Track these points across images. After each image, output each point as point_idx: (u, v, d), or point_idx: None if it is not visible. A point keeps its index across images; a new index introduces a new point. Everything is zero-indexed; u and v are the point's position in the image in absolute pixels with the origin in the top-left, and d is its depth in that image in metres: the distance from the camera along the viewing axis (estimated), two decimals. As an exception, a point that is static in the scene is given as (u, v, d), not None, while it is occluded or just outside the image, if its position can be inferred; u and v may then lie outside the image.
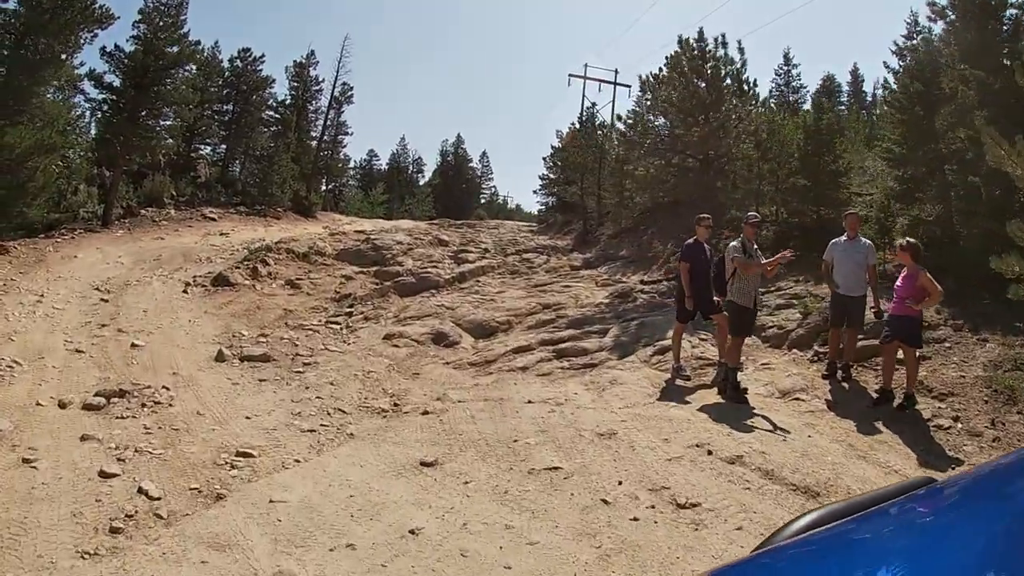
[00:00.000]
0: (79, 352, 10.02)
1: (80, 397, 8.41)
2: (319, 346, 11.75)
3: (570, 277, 17.51)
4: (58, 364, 9.46)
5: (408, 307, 14.97)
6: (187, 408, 8.34)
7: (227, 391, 9.14)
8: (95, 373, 9.32)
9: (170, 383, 9.15)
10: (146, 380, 9.17)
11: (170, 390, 8.89)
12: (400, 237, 19.87)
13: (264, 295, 14.50)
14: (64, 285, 13.67)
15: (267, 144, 27.66)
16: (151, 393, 8.65)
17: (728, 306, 9.23)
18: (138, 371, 9.52)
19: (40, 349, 9.93)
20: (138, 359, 9.99)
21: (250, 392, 9.25)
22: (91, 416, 7.91)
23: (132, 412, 8.09)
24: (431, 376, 10.74)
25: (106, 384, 8.90)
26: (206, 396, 8.84)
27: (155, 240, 19.15)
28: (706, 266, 9.65)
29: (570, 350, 11.05)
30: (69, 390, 8.65)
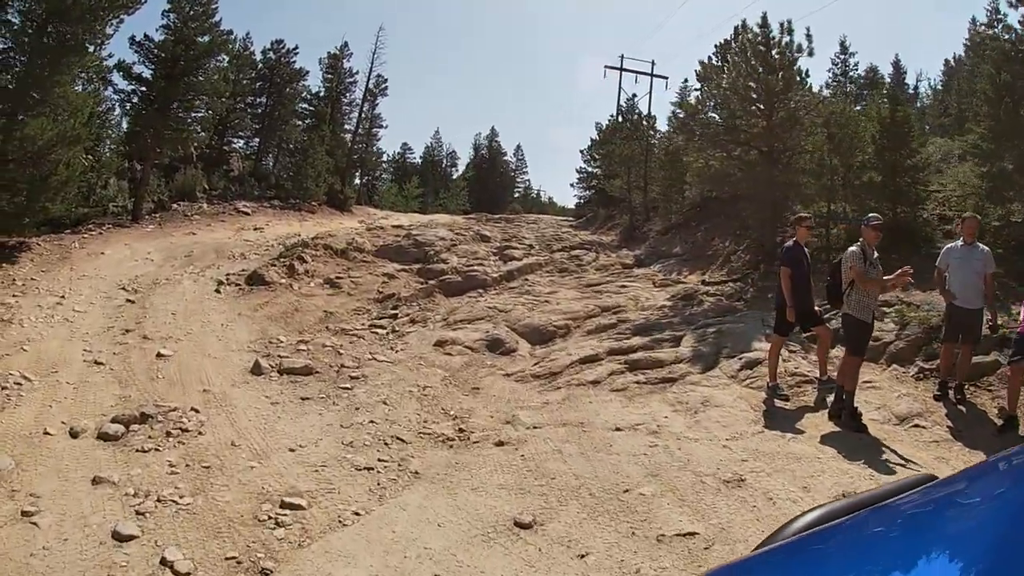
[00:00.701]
0: (98, 364, 8.59)
1: (95, 422, 6.96)
2: (365, 355, 10.23)
3: (624, 276, 15.92)
4: (73, 380, 8.03)
5: (457, 309, 13.45)
6: (220, 437, 6.85)
7: (266, 414, 7.64)
8: (114, 390, 7.87)
9: (200, 403, 7.67)
10: (172, 399, 7.70)
11: (199, 412, 7.41)
12: (442, 233, 18.34)
13: (302, 295, 13.03)
14: (88, 284, 12.32)
15: (301, 137, 26.28)
16: (177, 417, 7.18)
17: (844, 320, 7.68)
18: (163, 387, 8.07)
19: (55, 361, 8.52)
20: (164, 372, 8.54)
21: (292, 414, 7.75)
22: (107, 448, 6.46)
23: (155, 442, 6.62)
24: (493, 391, 9.23)
25: (126, 405, 7.45)
26: (241, 420, 7.35)
27: (186, 235, 17.81)
28: (807, 272, 8.35)
29: (643, 361, 9.50)
30: (83, 413, 7.21)
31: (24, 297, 10.97)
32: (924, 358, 8.68)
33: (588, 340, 11.07)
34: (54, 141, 13.97)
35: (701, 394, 8.56)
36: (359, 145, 29.83)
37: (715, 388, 8.72)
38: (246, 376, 8.85)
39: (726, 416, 7.80)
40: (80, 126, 14.52)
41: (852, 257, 7.40)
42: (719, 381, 8.86)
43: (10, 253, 13.31)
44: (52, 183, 13.78)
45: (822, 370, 8.37)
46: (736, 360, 9.32)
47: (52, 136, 13.90)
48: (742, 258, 15.80)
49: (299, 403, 8.11)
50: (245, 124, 26.85)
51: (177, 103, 21.03)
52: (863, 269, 7.25)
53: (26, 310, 10.33)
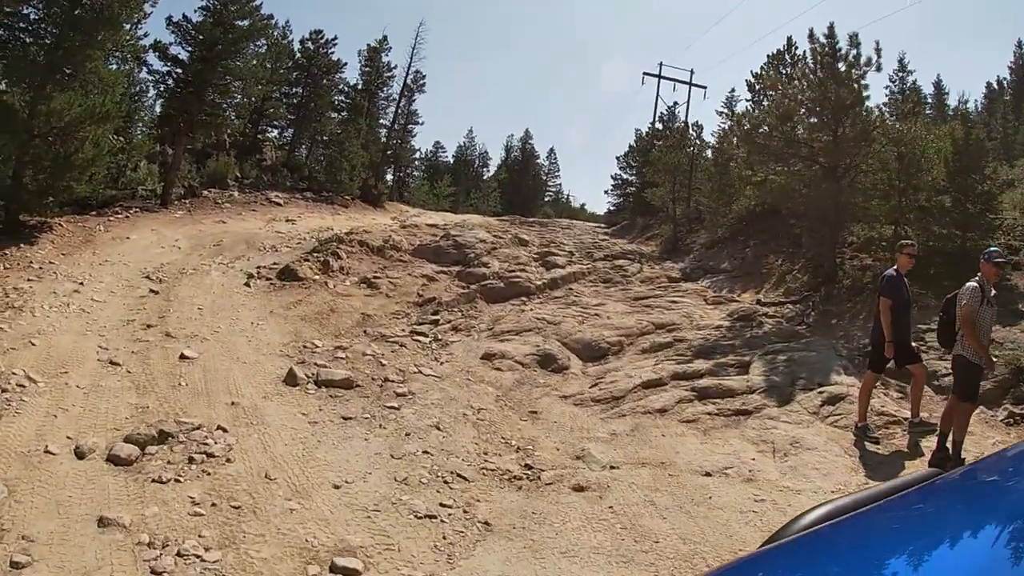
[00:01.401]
0: (114, 365, 7.43)
1: (106, 439, 5.78)
2: (410, 367, 9.01)
3: (672, 290, 14.65)
4: (85, 383, 6.86)
5: (502, 318, 12.23)
6: (252, 466, 5.64)
7: (304, 436, 6.42)
8: (130, 398, 6.69)
9: (228, 420, 6.47)
10: (196, 413, 6.51)
11: (227, 432, 6.21)
12: (481, 235, 17.12)
13: (338, 295, 11.84)
14: (110, 271, 11.20)
15: (336, 130, 25.19)
16: (202, 437, 5.98)
17: (956, 362, 6.61)
18: (186, 397, 6.88)
19: (65, 359, 7.37)
20: (188, 378, 7.36)
21: (334, 438, 6.53)
22: (118, 476, 5.27)
23: (175, 470, 5.42)
24: (553, 417, 8.07)
25: (143, 417, 6.27)
26: (276, 444, 6.14)
27: (216, 223, 16.70)
28: (907, 304, 7.43)
29: (712, 390, 8.43)
30: (93, 426, 6.04)
31: (40, 282, 9.86)
32: (1013, 401, 7.79)
33: (644, 360, 9.98)
34: (82, 117, 12.90)
35: (786, 433, 7.42)
36: (394, 141, 28.69)
37: (799, 426, 7.59)
38: (279, 387, 7.65)
39: (822, 462, 6.64)
40: (111, 103, 13.44)
41: (968, 293, 6.29)
42: (800, 417, 7.71)
43: (30, 233, 12.24)
44: (77, 161, 12.69)
45: (914, 411, 7.28)
46: (815, 393, 8.19)
47: (80, 112, 12.82)
48: (799, 279, 14.56)
49: (341, 424, 6.89)
50: (280, 114, 25.75)
51: (213, 87, 19.97)
52: (975, 309, 6.16)
53: (40, 297, 9.21)
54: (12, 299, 8.91)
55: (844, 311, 11.92)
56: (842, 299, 12.39)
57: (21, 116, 12.81)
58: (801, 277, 14.39)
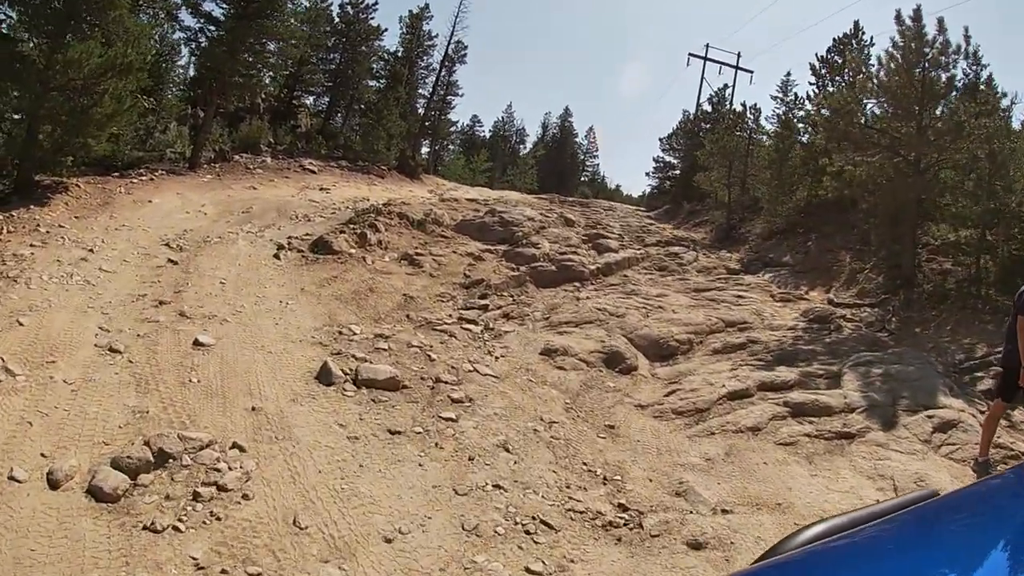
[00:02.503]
0: (113, 353, 5.92)
1: (91, 459, 4.29)
2: (463, 363, 7.43)
3: (734, 283, 12.98)
4: (74, 377, 5.36)
5: (558, 307, 10.61)
6: (276, 505, 4.10)
7: (343, 459, 4.87)
8: (128, 399, 5.18)
9: (246, 433, 4.93)
10: (207, 421, 4.98)
11: (245, 451, 4.67)
12: (529, 212, 15.46)
13: (377, 272, 10.27)
14: (125, 237, 9.73)
15: (374, 98, 23.47)
16: (212, 460, 4.45)
17: None
18: (196, 399, 5.35)
19: (55, 344, 5.88)
20: (201, 372, 5.83)
21: (381, 461, 4.97)
22: (99, 518, 3.78)
23: (174, 511, 3.90)
24: (633, 432, 6.56)
25: (141, 427, 4.76)
26: (308, 471, 4.59)
27: (247, 189, 15.20)
28: None
29: (809, 406, 7.15)
30: (76, 439, 4.54)
31: (43, 248, 8.40)
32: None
33: (718, 363, 8.61)
34: (102, 69, 11.37)
35: (903, 467, 6.09)
36: (433, 112, 26.87)
37: (913, 457, 6.21)
38: (310, 385, 6.10)
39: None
40: (134, 55, 11.88)
41: None
42: (912, 446, 6.36)
43: (42, 194, 10.82)
44: (96, 116, 11.20)
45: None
46: (923, 418, 6.91)
47: (100, 63, 11.29)
48: (872, 279, 12.88)
49: (388, 440, 5.33)
50: (316, 80, 24.07)
51: (247, 47, 18.34)
52: None
53: (40, 266, 7.75)
54: (7, 268, 7.47)
55: (928, 319, 10.31)
56: (924, 306, 10.85)
57: (37, 68, 11.33)
58: (875, 277, 12.77)
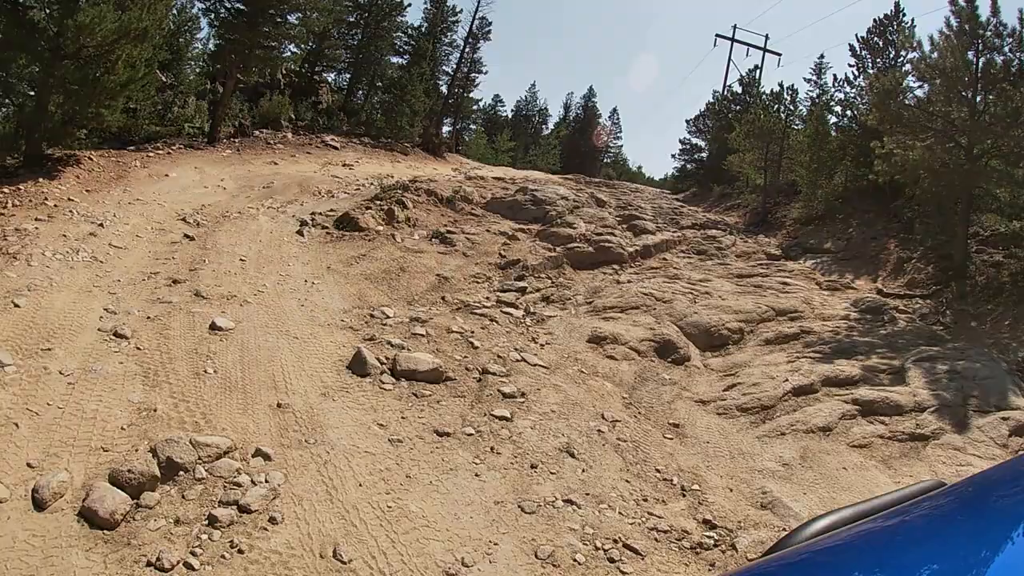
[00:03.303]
0: (119, 338, 5.07)
1: (84, 471, 3.46)
2: (509, 351, 6.55)
3: (776, 269, 12.06)
4: (73, 367, 4.52)
5: (601, 290, 9.73)
6: (311, 531, 3.24)
7: (386, 468, 4.00)
8: (133, 394, 4.33)
9: (271, 436, 4.07)
10: (225, 422, 4.12)
11: (271, 460, 3.81)
12: (562, 191, 14.47)
13: (408, 251, 9.38)
14: (139, 211, 8.89)
15: (397, 74, 22.37)
16: (231, 472, 3.60)
17: None
18: (213, 393, 4.48)
19: (54, 328, 5.04)
20: (218, 361, 4.97)
21: (430, 470, 4.10)
22: (92, 549, 2.98)
23: (186, 540, 3.06)
24: (699, 432, 5.84)
25: (147, 428, 3.91)
26: (347, 485, 3.73)
27: (267, 165, 14.31)
28: None
29: (879, 405, 6.63)
30: (70, 444, 3.70)
31: (49, 223, 7.57)
32: None
33: (772, 354, 7.98)
34: (116, 35, 10.45)
35: None
36: (456, 89, 25.68)
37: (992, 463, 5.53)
38: (343, 376, 5.23)
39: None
40: (150, 20, 10.96)
41: None
42: (990, 450, 5.94)
43: (53, 167, 10.00)
44: (108, 84, 10.31)
45: None
46: (997, 419, 6.46)
47: (113, 29, 10.37)
48: (921, 269, 11.89)
49: (435, 444, 4.45)
50: (338, 55, 23.05)
51: (268, 17, 17.33)
52: None
53: (44, 241, 6.92)
54: (7, 244, 6.64)
55: (984, 314, 9.46)
56: (978, 299, 10.02)
57: (47, 35, 10.46)
58: (923, 267, 11.83)
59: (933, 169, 11.31)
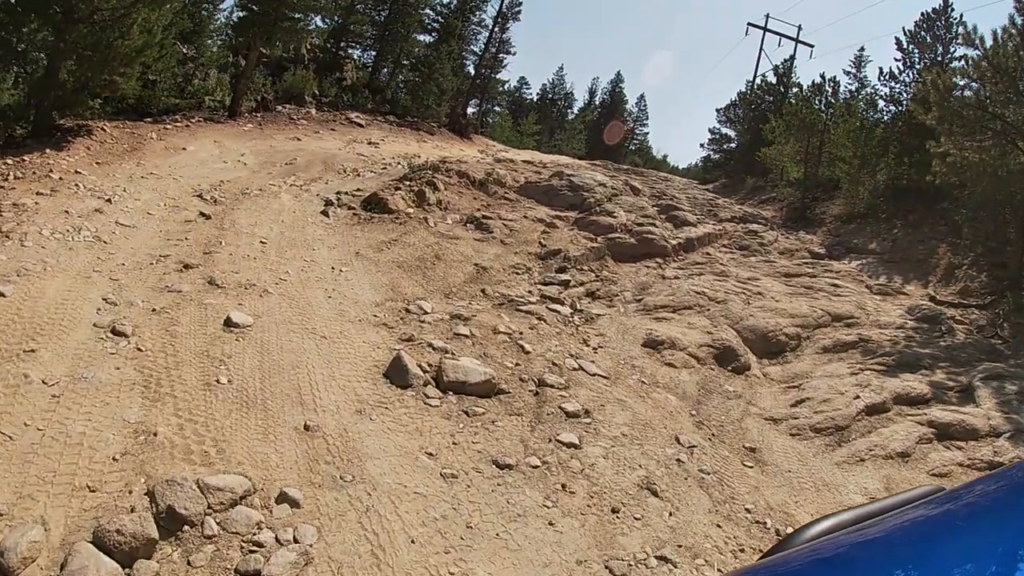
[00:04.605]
0: (117, 336, 4.20)
1: (65, 521, 2.62)
2: (564, 357, 5.65)
3: (823, 269, 11.19)
4: (59, 373, 3.66)
5: (649, 287, 8.82)
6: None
7: (441, 516, 3.11)
8: (130, 410, 3.46)
9: (298, 473, 3.18)
10: (241, 451, 3.24)
11: (299, 508, 2.92)
12: (599, 177, 13.48)
13: (442, 236, 8.46)
14: (152, 186, 8.01)
15: (424, 52, 21.28)
16: (251, 527, 2.71)
17: None
18: (226, 410, 3.60)
19: (42, 322, 4.18)
20: (233, 367, 4.08)
21: (493, 517, 3.21)
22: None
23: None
24: (778, 458, 5.15)
25: (144, 458, 3.05)
26: (396, 542, 2.85)
27: (290, 140, 13.39)
28: None
29: (955, 428, 6.01)
30: (48, 478, 2.86)
31: (51, 197, 6.71)
32: None
33: (831, 363, 7.39)
34: (132, 0, 9.56)
35: None
36: (484, 70, 24.45)
37: None
38: (379, 386, 4.34)
39: None
40: (168, -21, 10.04)
41: None
42: None
43: (62, 137, 9.14)
44: (122, 49, 9.41)
45: None
46: None
47: (128, -10, 9.47)
48: (973, 276, 10.99)
49: (496, 480, 3.56)
50: (363, 31, 21.97)
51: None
52: None
53: (44, 218, 6.06)
54: (2, 220, 5.78)
55: None
56: None
57: (59, -2, 9.56)
58: (976, 275, 10.95)
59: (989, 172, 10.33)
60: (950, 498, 1.05)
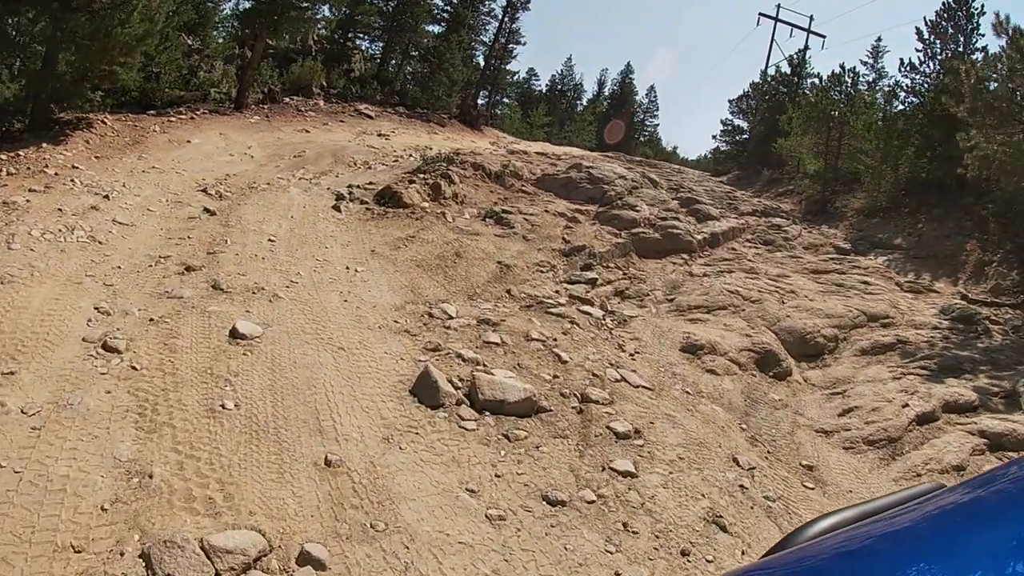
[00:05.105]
0: (108, 352, 3.66)
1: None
2: (604, 367, 5.10)
3: (851, 265, 10.70)
4: (40, 400, 3.12)
5: (680, 285, 8.31)
6: None
7: (491, 569, 2.58)
8: (121, 444, 2.92)
9: (321, 522, 2.64)
10: (252, 498, 2.70)
11: (325, 570, 2.35)
12: (618, 168, 12.91)
13: (462, 232, 7.91)
14: (154, 181, 7.47)
15: (433, 43, 20.60)
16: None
17: None
18: (234, 444, 3.06)
19: (24, 336, 3.65)
20: (240, 387, 3.54)
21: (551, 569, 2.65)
22: None
23: None
24: (835, 476, 5.14)
25: (136, 507, 2.53)
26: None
27: (298, 132, 12.82)
28: None
29: (1008, 439, 5.53)
30: (26, 535, 2.33)
31: (45, 194, 6.17)
32: None
33: (871, 366, 6.94)
34: (131, -19, 8.99)
35: None
36: (493, 61, 23.71)
37: None
38: (407, 406, 3.80)
39: None
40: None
41: None
42: None
43: (60, 130, 8.61)
44: (122, 38, 8.86)
45: None
46: None
47: (129, -26, 8.91)
48: (1003, 274, 10.52)
49: (549, 520, 3.02)
50: (371, 21, 21.32)
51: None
52: None
53: (35, 216, 5.53)
54: (-11, 216, 5.25)
55: None
56: None
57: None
58: (1007, 273, 10.50)
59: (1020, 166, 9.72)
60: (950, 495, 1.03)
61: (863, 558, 0.85)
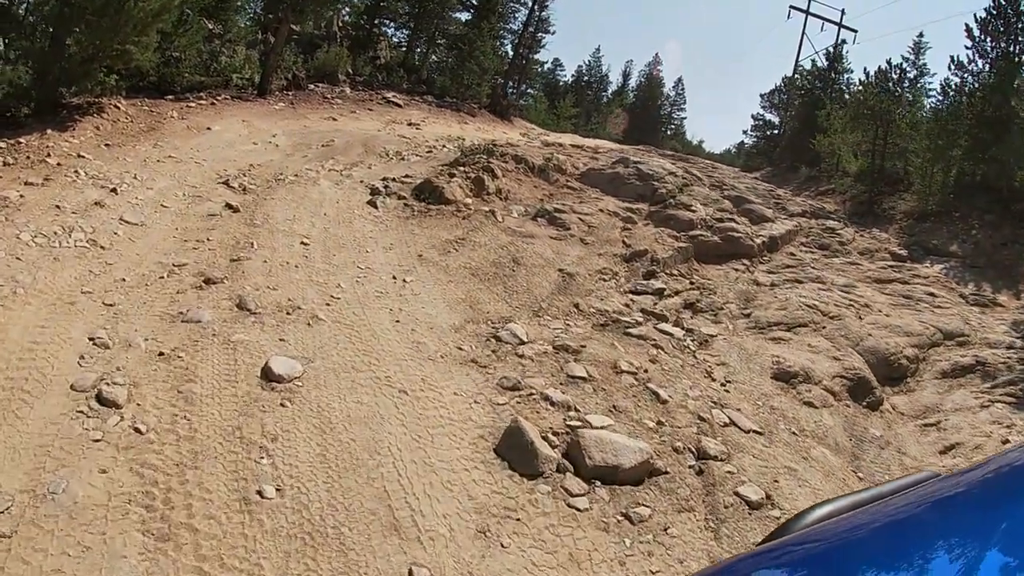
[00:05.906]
0: (105, 407, 2.69)
1: None
2: (707, 406, 4.13)
3: (911, 274, 9.73)
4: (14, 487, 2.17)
5: (752, 297, 7.36)
6: None
7: None
8: (123, 561, 1.91)
9: None
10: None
11: None
12: (667, 164, 11.85)
13: (516, 234, 6.92)
14: (170, 172, 6.54)
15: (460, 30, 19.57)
16: None
17: None
18: (281, 553, 2.08)
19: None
20: (281, 462, 2.56)
21: None
22: None
23: None
24: None
25: None
26: None
27: (325, 120, 11.84)
28: None
29: None
30: None
31: (43, 188, 5.24)
32: None
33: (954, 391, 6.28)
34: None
35: None
36: (522, 50, 22.53)
37: None
38: (495, 474, 2.83)
39: None
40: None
41: None
42: None
43: (68, 116, 7.68)
44: (135, 13, 7.90)
45: None
46: None
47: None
48: None
49: None
50: (397, 7, 20.26)
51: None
52: None
53: (27, 215, 4.59)
54: (-25, 215, 4.32)
55: None
56: None
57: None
58: None
59: None
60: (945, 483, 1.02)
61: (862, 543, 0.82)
